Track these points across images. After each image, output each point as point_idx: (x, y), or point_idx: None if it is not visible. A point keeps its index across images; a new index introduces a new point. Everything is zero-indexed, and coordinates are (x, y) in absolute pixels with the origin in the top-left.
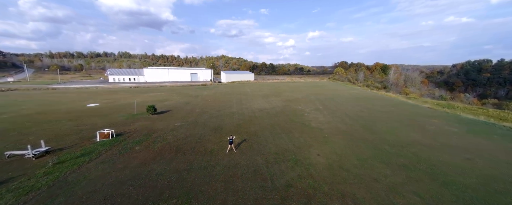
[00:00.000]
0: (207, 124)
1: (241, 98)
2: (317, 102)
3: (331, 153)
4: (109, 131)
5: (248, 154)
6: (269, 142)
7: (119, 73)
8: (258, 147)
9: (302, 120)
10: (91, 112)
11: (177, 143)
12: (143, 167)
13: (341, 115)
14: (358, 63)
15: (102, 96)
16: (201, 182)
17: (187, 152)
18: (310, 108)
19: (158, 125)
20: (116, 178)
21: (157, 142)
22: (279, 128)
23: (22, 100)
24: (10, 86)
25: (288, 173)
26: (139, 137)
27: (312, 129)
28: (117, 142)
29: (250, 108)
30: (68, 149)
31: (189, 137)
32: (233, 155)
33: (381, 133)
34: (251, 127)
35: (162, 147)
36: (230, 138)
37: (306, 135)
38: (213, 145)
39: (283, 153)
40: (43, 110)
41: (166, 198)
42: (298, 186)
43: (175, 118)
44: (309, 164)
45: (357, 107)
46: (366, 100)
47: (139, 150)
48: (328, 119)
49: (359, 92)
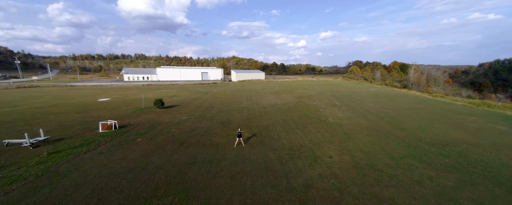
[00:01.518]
0: (215, 118)
1: (251, 94)
2: (333, 98)
3: (356, 150)
4: (112, 122)
5: (258, 149)
6: (282, 137)
7: (134, 72)
8: (270, 142)
9: (317, 115)
10: (100, 105)
11: (181, 136)
12: (142, 159)
13: (362, 111)
14: (374, 62)
15: (114, 92)
16: (203, 178)
17: (191, 145)
18: (326, 104)
19: (164, 118)
20: (110, 170)
21: (161, 134)
22: (293, 123)
23: (39, 95)
24: (33, 83)
25: (306, 172)
26: (142, 129)
27: (330, 124)
28: (119, 134)
29: (260, 104)
30: (68, 139)
31: (194, 130)
32: (241, 150)
33: (412, 130)
34: (261, 122)
35: (165, 140)
36: (238, 131)
37: (324, 130)
38: (220, 138)
39: (299, 149)
40: (55, 104)
41: (161, 194)
42: (319, 187)
43: (182, 112)
44: (331, 162)
45: (379, 104)
46: (388, 97)
47: (140, 142)
48: (347, 115)
49: (378, 90)
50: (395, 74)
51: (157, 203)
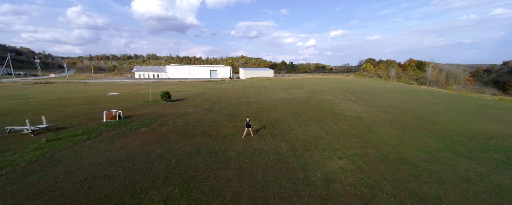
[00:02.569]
0: (222, 111)
1: (259, 90)
2: (346, 93)
3: (381, 144)
4: (117, 112)
5: (269, 140)
6: (295, 129)
7: (144, 70)
8: (282, 133)
9: (332, 109)
10: (109, 99)
11: (186, 127)
12: (143, 148)
13: (381, 105)
14: (388, 60)
15: (124, 88)
16: (208, 169)
17: (196, 135)
18: (340, 99)
19: (170, 110)
20: (107, 158)
21: (165, 125)
22: (305, 115)
23: (53, 89)
24: (50, 80)
25: (326, 164)
26: (147, 119)
27: (347, 117)
28: (123, 123)
29: (270, 98)
30: (71, 128)
31: (200, 121)
32: (250, 141)
33: (444, 124)
34: (271, 114)
35: (169, 130)
36: (247, 121)
37: (341, 123)
38: (227, 129)
39: (315, 141)
40: (66, 97)
41: (159, 184)
42: (343, 181)
43: (189, 105)
44: (354, 154)
45: (398, 98)
46: (408, 93)
47: (144, 131)
48: (365, 108)
49: (394, 86)
50: (411, 72)
51: (154, 194)
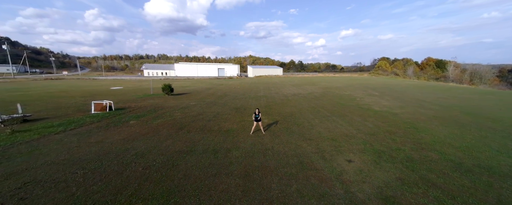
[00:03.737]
0: (228, 104)
1: (269, 86)
2: (367, 89)
3: (442, 145)
4: (107, 102)
5: (285, 137)
6: (316, 125)
7: (153, 68)
8: (300, 130)
9: (356, 103)
10: (110, 92)
11: (183, 120)
12: (123, 144)
13: (414, 101)
14: (404, 59)
15: (129, 83)
16: (201, 174)
17: (193, 130)
18: (361, 94)
19: (170, 103)
20: (71, 156)
21: (160, 118)
22: (326, 110)
23: (59, 84)
24: (61, 77)
25: (374, 173)
26: (141, 112)
27: (378, 112)
28: (113, 115)
29: (281, 93)
30: (53, 119)
31: (201, 114)
32: (260, 138)
33: (510, 121)
34: (284, 109)
35: (162, 123)
36: (255, 114)
37: (373, 119)
38: (231, 124)
39: (346, 140)
40: (67, 90)
41: (124, 198)
42: (413, 203)
43: (192, 98)
44: (409, 159)
45: (430, 94)
46: (439, 89)
47: (133, 124)
48: (396, 104)
49: (419, 83)
50: (430, 70)
51: None
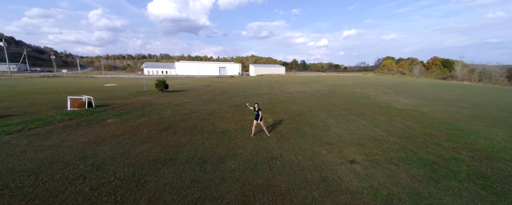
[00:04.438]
0: (226, 102)
1: (272, 84)
2: (379, 87)
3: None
4: (85, 98)
5: (296, 141)
6: (332, 125)
7: (153, 66)
8: (314, 131)
9: (372, 101)
10: (101, 88)
11: (172, 119)
12: (84, 148)
13: (436, 98)
14: (410, 58)
15: (126, 80)
16: (175, 200)
17: (180, 130)
18: (374, 92)
19: (162, 100)
20: (4, 165)
21: (145, 116)
22: (339, 108)
23: (53, 81)
24: (58, 74)
25: (442, 200)
26: (126, 109)
27: (403, 111)
28: (90, 113)
29: (285, 91)
30: (20, 116)
31: (194, 112)
32: (264, 141)
33: None
34: (291, 107)
35: (145, 122)
36: (255, 110)
37: (401, 118)
38: (228, 123)
39: (377, 145)
40: (56, 86)
41: None
42: None
43: (188, 95)
44: (479, 175)
45: (450, 92)
46: (454, 87)
47: (110, 123)
48: (419, 101)
49: (429, 81)
50: (437, 70)
51: None
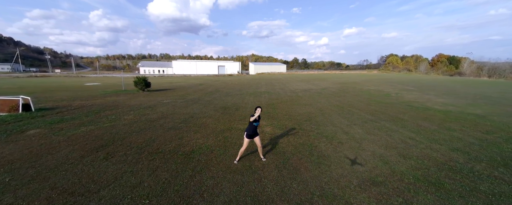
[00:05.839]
0: (214, 102)
1: (272, 82)
2: (395, 84)
3: None
4: (18, 99)
5: (312, 175)
6: (362, 138)
7: (150, 65)
8: (337, 151)
9: (398, 100)
10: (77, 88)
11: (124, 129)
12: None
13: (477, 97)
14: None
15: (112, 79)
16: None
17: (120, 151)
18: (393, 89)
19: (134, 101)
20: None
21: (91, 123)
22: (361, 111)
23: (31, 80)
24: (46, 74)
25: None
26: (75, 114)
27: (451, 114)
28: (16, 120)
29: (287, 89)
30: None
31: (165, 118)
32: (255, 174)
33: None
34: (296, 109)
35: (80, 135)
36: (254, 120)
37: (460, 126)
38: (204, 137)
39: (469, 187)
40: (27, 86)
41: None
42: None
43: (170, 95)
44: None
45: (480, 89)
46: (477, 83)
47: (26, 136)
48: (459, 101)
49: (443, 78)
50: (443, 67)
51: None
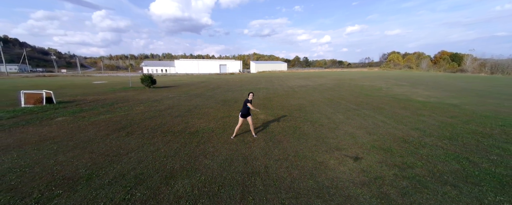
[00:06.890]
0: (215, 97)
1: (272, 79)
2: (389, 80)
3: None
4: (42, 93)
5: (291, 145)
6: (341, 122)
7: (153, 65)
8: (317, 130)
9: (386, 93)
10: (86, 85)
11: (138, 117)
12: None
13: (464, 90)
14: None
15: (118, 78)
16: None
17: (137, 131)
18: (386, 84)
19: (142, 96)
20: None
21: (109, 113)
22: (349, 102)
23: (43, 79)
24: (54, 74)
25: None
26: (91, 106)
27: (429, 104)
28: (42, 110)
29: (285, 85)
30: None
31: (171, 108)
32: (246, 145)
33: None
34: (290, 101)
35: (101, 121)
36: (246, 103)
37: (429, 113)
38: (206, 122)
39: (412, 151)
40: (40, 84)
41: None
42: None
43: (175, 91)
44: None
45: (472, 84)
46: (474, 78)
47: (55, 122)
48: (443, 93)
49: (442, 74)
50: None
51: None
